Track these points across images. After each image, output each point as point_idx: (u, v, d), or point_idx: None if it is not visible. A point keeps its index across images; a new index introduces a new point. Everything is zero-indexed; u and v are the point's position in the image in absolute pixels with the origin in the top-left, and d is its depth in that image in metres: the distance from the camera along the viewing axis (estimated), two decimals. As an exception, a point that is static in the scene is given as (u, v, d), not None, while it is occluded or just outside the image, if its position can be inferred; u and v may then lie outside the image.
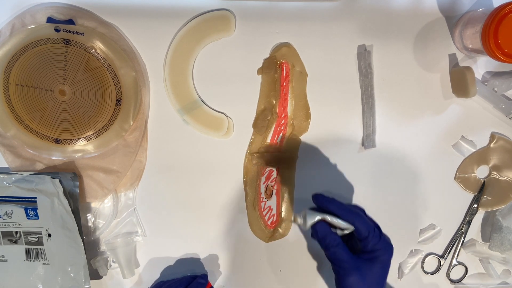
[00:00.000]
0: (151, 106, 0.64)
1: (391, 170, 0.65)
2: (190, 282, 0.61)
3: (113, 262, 0.66)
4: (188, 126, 0.64)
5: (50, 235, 0.62)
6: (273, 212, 0.66)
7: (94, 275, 0.66)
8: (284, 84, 0.63)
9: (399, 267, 0.67)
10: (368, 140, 0.64)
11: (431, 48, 0.63)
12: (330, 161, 0.65)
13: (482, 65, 0.64)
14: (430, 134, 0.65)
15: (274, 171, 0.65)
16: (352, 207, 0.52)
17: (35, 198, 0.61)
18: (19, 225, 0.62)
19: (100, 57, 0.60)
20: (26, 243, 0.62)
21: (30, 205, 0.61)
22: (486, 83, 0.63)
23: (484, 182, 0.65)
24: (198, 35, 0.62)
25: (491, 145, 0.65)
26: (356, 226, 0.49)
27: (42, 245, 0.62)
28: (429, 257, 0.67)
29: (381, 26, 0.63)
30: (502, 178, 0.65)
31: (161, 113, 0.64)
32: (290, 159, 0.64)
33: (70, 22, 0.60)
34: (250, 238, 0.66)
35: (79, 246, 0.61)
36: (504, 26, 0.54)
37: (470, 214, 0.66)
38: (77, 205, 0.62)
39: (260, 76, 0.64)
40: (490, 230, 0.66)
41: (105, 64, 0.61)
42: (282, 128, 0.64)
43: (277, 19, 0.63)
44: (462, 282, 0.67)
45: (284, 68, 0.63)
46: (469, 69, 0.60)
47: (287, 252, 0.66)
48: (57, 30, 0.59)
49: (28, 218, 0.61)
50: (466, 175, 0.65)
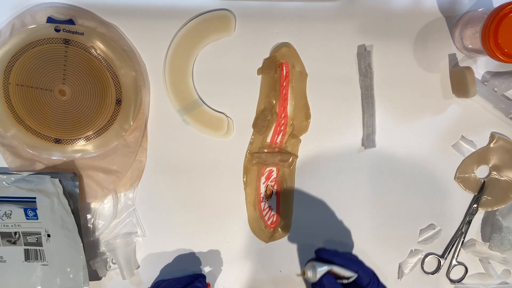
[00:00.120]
0: (151, 106, 0.64)
1: (391, 170, 0.65)
2: (189, 282, 0.61)
3: (112, 263, 0.66)
4: (188, 126, 0.64)
5: (49, 236, 0.61)
6: (273, 212, 0.66)
7: (94, 276, 0.65)
8: (284, 84, 0.63)
9: (399, 267, 0.67)
10: (368, 140, 0.64)
11: (431, 48, 0.63)
12: (330, 161, 0.65)
13: (482, 65, 0.64)
14: (430, 134, 0.65)
15: (274, 171, 0.65)
16: (352, 256, 0.57)
17: (35, 198, 0.61)
18: (18, 225, 0.62)
19: (100, 57, 0.60)
20: (25, 244, 0.62)
21: (29, 205, 0.61)
22: (486, 83, 0.63)
23: (484, 182, 0.65)
24: (198, 35, 0.62)
25: (491, 145, 0.65)
26: (359, 273, 0.53)
27: (41, 246, 0.62)
28: (429, 257, 0.67)
29: (381, 26, 0.63)
30: (502, 178, 0.65)
31: (161, 113, 0.64)
32: (290, 159, 0.64)
33: (70, 22, 0.60)
34: (250, 238, 0.66)
35: (79, 247, 0.61)
36: (504, 26, 0.54)
37: (470, 214, 0.66)
38: (76, 205, 0.62)
39: (260, 76, 0.64)
40: (490, 230, 0.66)
41: (105, 64, 0.60)
42: (282, 128, 0.64)
43: (277, 19, 0.63)
44: (462, 282, 0.67)
45: (284, 68, 0.63)
46: (469, 69, 0.60)
47: (287, 252, 0.66)
48: (57, 30, 0.59)
49: (27, 219, 0.61)
50: (466, 175, 0.65)
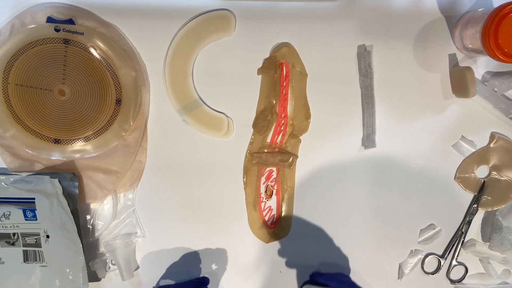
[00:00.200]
0: (151, 106, 0.64)
1: (391, 170, 0.65)
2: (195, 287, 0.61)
3: (112, 264, 0.66)
4: (188, 126, 0.64)
5: (48, 237, 0.61)
6: (273, 212, 0.65)
7: (93, 277, 0.65)
8: (284, 84, 0.63)
9: (399, 268, 0.67)
10: (368, 140, 0.64)
11: (431, 48, 0.63)
12: (330, 161, 0.65)
13: (482, 65, 0.64)
14: (430, 134, 0.65)
15: (274, 171, 0.65)
16: (346, 278, 0.61)
17: (34, 199, 0.61)
18: (17, 226, 0.61)
19: (100, 57, 0.60)
20: (24, 245, 0.62)
21: (28, 206, 0.61)
22: (486, 83, 0.63)
23: (484, 182, 0.65)
24: (198, 35, 0.62)
25: (491, 145, 0.65)
26: None
27: (40, 247, 0.62)
28: (429, 257, 0.67)
29: (381, 26, 0.63)
30: (502, 178, 0.65)
31: (161, 113, 0.64)
32: (290, 159, 0.64)
33: (70, 22, 0.60)
34: (250, 238, 0.66)
35: (78, 248, 0.61)
36: (504, 26, 0.54)
37: (470, 214, 0.66)
38: (76, 205, 0.62)
39: (260, 76, 0.64)
40: (490, 230, 0.66)
41: (105, 64, 0.60)
42: (282, 128, 0.64)
43: (277, 19, 0.63)
44: (462, 282, 0.67)
45: (284, 68, 0.63)
46: (469, 69, 0.60)
47: (287, 252, 0.66)
48: (57, 30, 0.59)
49: (26, 220, 0.61)
50: (466, 175, 0.65)
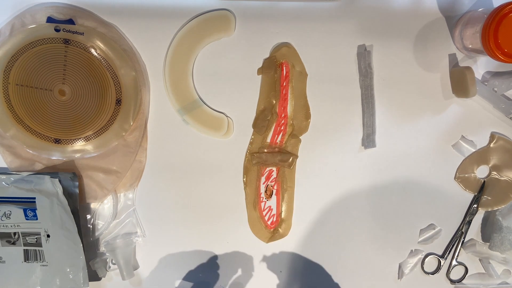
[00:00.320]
0: (151, 106, 0.64)
1: (391, 170, 0.65)
2: None
3: (112, 263, 0.66)
4: (188, 126, 0.64)
5: (49, 236, 0.61)
6: (273, 212, 0.65)
7: (93, 277, 0.65)
8: (284, 84, 0.63)
9: (399, 267, 0.67)
10: (368, 140, 0.64)
11: (431, 48, 0.63)
12: (330, 161, 0.65)
13: (482, 65, 0.64)
14: (430, 134, 0.65)
15: (274, 171, 0.65)
16: None
17: (34, 198, 0.61)
18: (18, 226, 0.61)
19: (100, 57, 0.60)
20: (25, 245, 0.62)
21: (29, 205, 0.61)
22: (486, 83, 0.63)
23: (484, 182, 0.65)
24: (198, 35, 0.62)
25: (491, 145, 0.65)
26: None
27: (41, 246, 0.62)
28: (429, 257, 0.66)
29: (381, 26, 0.63)
30: (502, 178, 0.65)
31: (161, 113, 0.64)
32: (290, 159, 0.64)
33: (70, 22, 0.60)
34: (250, 238, 0.66)
35: (78, 247, 0.61)
36: (504, 26, 0.54)
37: (470, 214, 0.66)
38: (76, 205, 0.62)
39: (260, 76, 0.64)
40: (490, 230, 0.66)
41: (105, 64, 0.60)
42: (282, 128, 0.64)
43: (277, 19, 0.63)
44: (462, 282, 0.67)
45: (284, 68, 0.63)
46: (469, 69, 0.60)
47: (287, 252, 0.66)
48: (57, 30, 0.59)
49: (26, 219, 0.61)
50: (466, 175, 0.65)
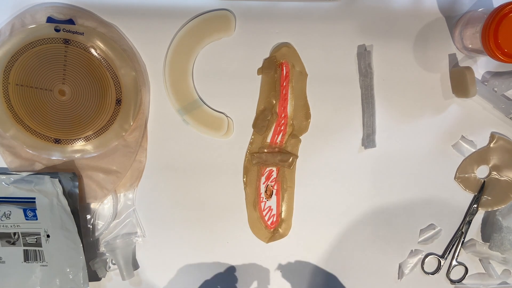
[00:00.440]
0: (151, 106, 0.64)
1: (391, 170, 0.65)
2: None
3: (112, 263, 0.66)
4: (188, 126, 0.64)
5: (48, 236, 0.61)
6: (273, 212, 0.65)
7: (93, 277, 0.65)
8: (284, 84, 0.63)
9: (399, 267, 0.67)
10: (368, 140, 0.64)
11: (431, 48, 0.63)
12: (330, 161, 0.65)
13: (482, 65, 0.64)
14: (430, 134, 0.65)
15: (274, 171, 0.65)
16: None
17: (34, 198, 0.61)
18: (18, 226, 0.61)
19: (100, 57, 0.60)
20: (25, 245, 0.62)
21: (29, 205, 0.61)
22: (486, 83, 0.63)
23: (484, 182, 0.65)
24: (198, 35, 0.62)
25: (491, 145, 0.65)
26: None
27: (41, 246, 0.62)
28: (429, 257, 0.67)
29: (381, 26, 0.63)
30: (502, 178, 0.65)
31: (161, 113, 0.64)
32: (290, 159, 0.64)
33: (70, 22, 0.60)
34: (250, 238, 0.66)
35: (78, 247, 0.61)
36: (504, 26, 0.54)
37: (470, 214, 0.66)
38: (76, 205, 0.62)
39: (260, 76, 0.64)
40: (490, 230, 0.66)
41: (105, 64, 0.60)
42: (282, 128, 0.64)
43: (277, 19, 0.63)
44: (462, 282, 0.67)
45: (284, 68, 0.63)
46: (469, 69, 0.60)
47: (287, 252, 0.66)
48: (57, 30, 0.59)
49: (26, 219, 0.61)
50: (466, 175, 0.65)
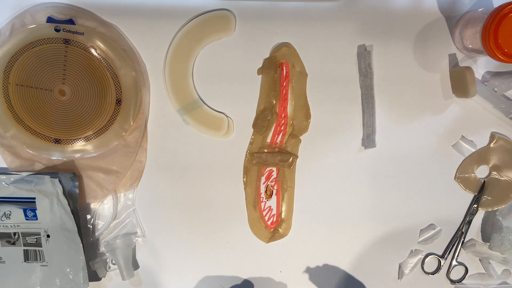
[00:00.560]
0: (151, 106, 0.64)
1: (391, 170, 0.65)
2: None
3: (112, 263, 0.66)
4: (188, 126, 0.64)
5: (48, 236, 0.61)
6: (273, 212, 0.65)
7: (93, 277, 0.65)
8: (284, 84, 0.63)
9: (399, 268, 0.67)
10: (368, 140, 0.64)
11: (431, 48, 0.63)
12: (330, 161, 0.65)
13: (482, 65, 0.64)
14: (430, 134, 0.65)
15: (274, 171, 0.65)
16: None
17: (34, 198, 0.61)
18: (18, 226, 0.61)
19: (100, 57, 0.60)
20: (25, 245, 0.62)
21: (29, 205, 0.61)
22: (486, 83, 0.63)
23: (484, 182, 0.65)
24: (198, 35, 0.62)
25: (491, 145, 0.65)
26: None
27: (41, 246, 0.62)
28: (429, 257, 0.66)
29: (381, 26, 0.63)
30: (502, 178, 0.65)
31: (161, 113, 0.64)
32: (290, 159, 0.64)
33: (70, 22, 0.60)
34: (250, 238, 0.66)
35: (78, 247, 0.61)
36: (504, 26, 0.54)
37: (470, 214, 0.66)
38: (76, 205, 0.62)
39: (260, 76, 0.64)
40: (490, 230, 0.66)
41: (105, 64, 0.60)
42: (282, 128, 0.64)
43: (277, 19, 0.63)
44: (462, 282, 0.67)
45: (284, 68, 0.63)
46: (469, 69, 0.60)
47: (287, 252, 0.66)
48: (57, 30, 0.59)
49: (26, 219, 0.61)
50: (466, 175, 0.65)
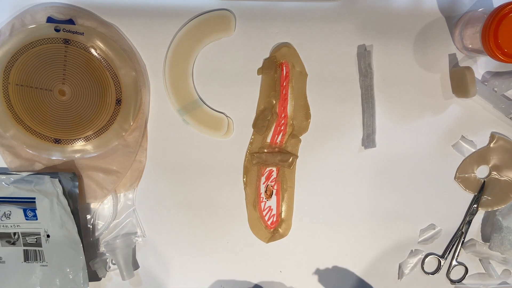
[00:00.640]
0: (151, 106, 0.64)
1: (391, 170, 0.65)
2: None
3: (112, 263, 0.66)
4: (188, 126, 0.64)
5: (48, 236, 0.61)
6: (273, 212, 0.65)
7: (93, 277, 0.65)
8: (284, 84, 0.63)
9: (399, 267, 0.67)
10: (368, 140, 0.64)
11: (431, 48, 0.63)
12: (330, 161, 0.65)
13: (482, 65, 0.64)
14: (430, 134, 0.65)
15: (274, 171, 0.65)
16: None
17: (34, 198, 0.61)
18: (18, 226, 0.61)
19: (100, 57, 0.60)
20: (25, 245, 0.62)
21: (29, 205, 0.61)
22: (486, 83, 0.63)
23: (484, 182, 0.65)
24: (198, 35, 0.62)
25: (491, 145, 0.65)
26: None
27: (41, 246, 0.62)
28: (429, 257, 0.66)
29: (381, 26, 0.63)
30: (502, 178, 0.65)
31: (161, 113, 0.64)
32: (290, 159, 0.64)
33: (70, 22, 0.60)
34: (250, 238, 0.66)
35: (78, 247, 0.61)
36: (504, 26, 0.54)
37: (470, 214, 0.66)
38: (76, 205, 0.62)
39: (260, 76, 0.64)
40: (490, 230, 0.66)
41: (105, 64, 0.60)
42: (282, 128, 0.64)
43: (277, 19, 0.63)
44: (462, 282, 0.67)
45: (284, 68, 0.63)
46: (469, 69, 0.60)
47: (287, 252, 0.66)
48: (57, 30, 0.59)
49: (26, 219, 0.61)
50: (466, 175, 0.65)
